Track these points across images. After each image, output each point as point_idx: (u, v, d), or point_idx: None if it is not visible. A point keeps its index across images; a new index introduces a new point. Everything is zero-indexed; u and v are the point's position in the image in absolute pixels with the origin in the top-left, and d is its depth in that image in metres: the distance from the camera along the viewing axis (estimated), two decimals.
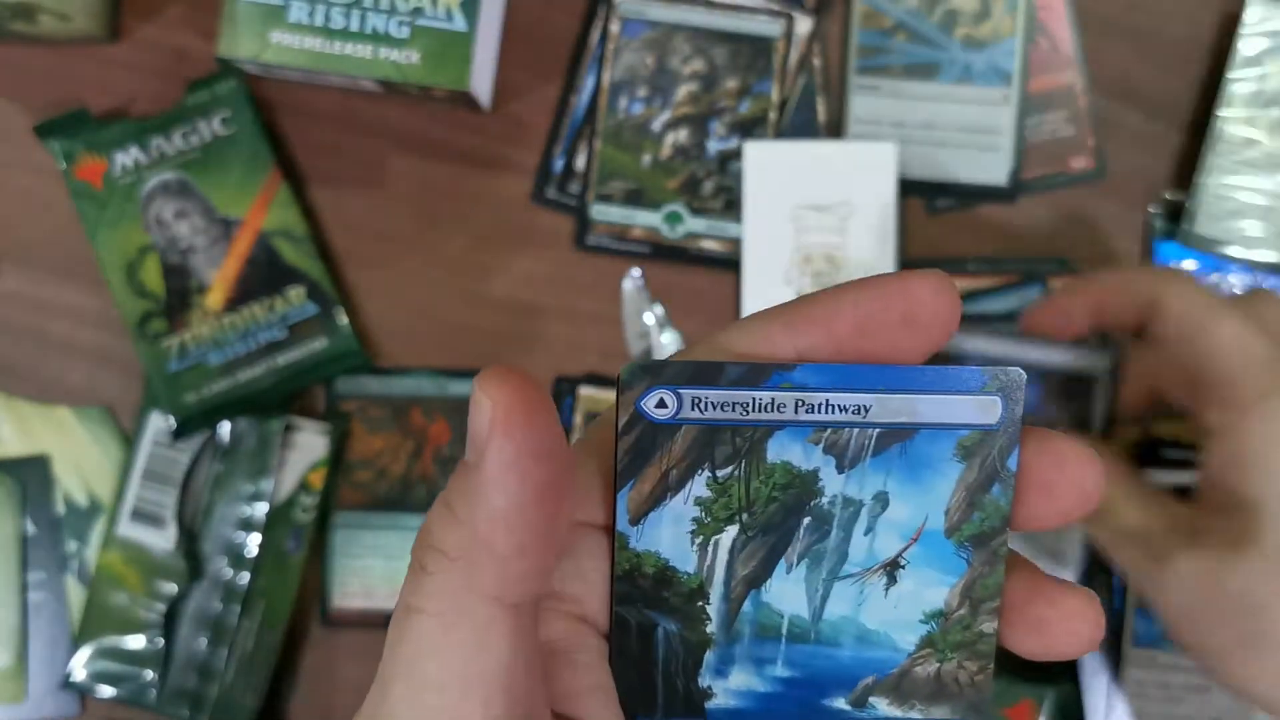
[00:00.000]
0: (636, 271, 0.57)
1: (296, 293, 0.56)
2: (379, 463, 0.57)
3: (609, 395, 0.57)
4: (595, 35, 0.58)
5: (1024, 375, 0.23)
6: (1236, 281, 0.56)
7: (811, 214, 0.56)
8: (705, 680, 0.24)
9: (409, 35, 0.53)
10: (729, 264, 0.57)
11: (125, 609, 0.55)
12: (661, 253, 0.57)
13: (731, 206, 0.57)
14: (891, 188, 0.56)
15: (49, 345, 0.58)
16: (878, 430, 0.23)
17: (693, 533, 0.24)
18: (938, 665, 0.25)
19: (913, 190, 0.57)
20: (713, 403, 0.23)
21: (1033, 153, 0.57)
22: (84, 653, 0.55)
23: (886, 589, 0.24)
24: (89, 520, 0.57)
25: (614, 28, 0.57)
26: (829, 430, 0.23)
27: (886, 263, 0.56)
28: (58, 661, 0.56)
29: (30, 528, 0.57)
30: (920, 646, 0.25)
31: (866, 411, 0.22)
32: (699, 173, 0.57)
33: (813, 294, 0.23)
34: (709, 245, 0.57)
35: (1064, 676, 0.53)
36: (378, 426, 0.57)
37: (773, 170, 0.56)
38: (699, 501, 0.23)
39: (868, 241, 0.56)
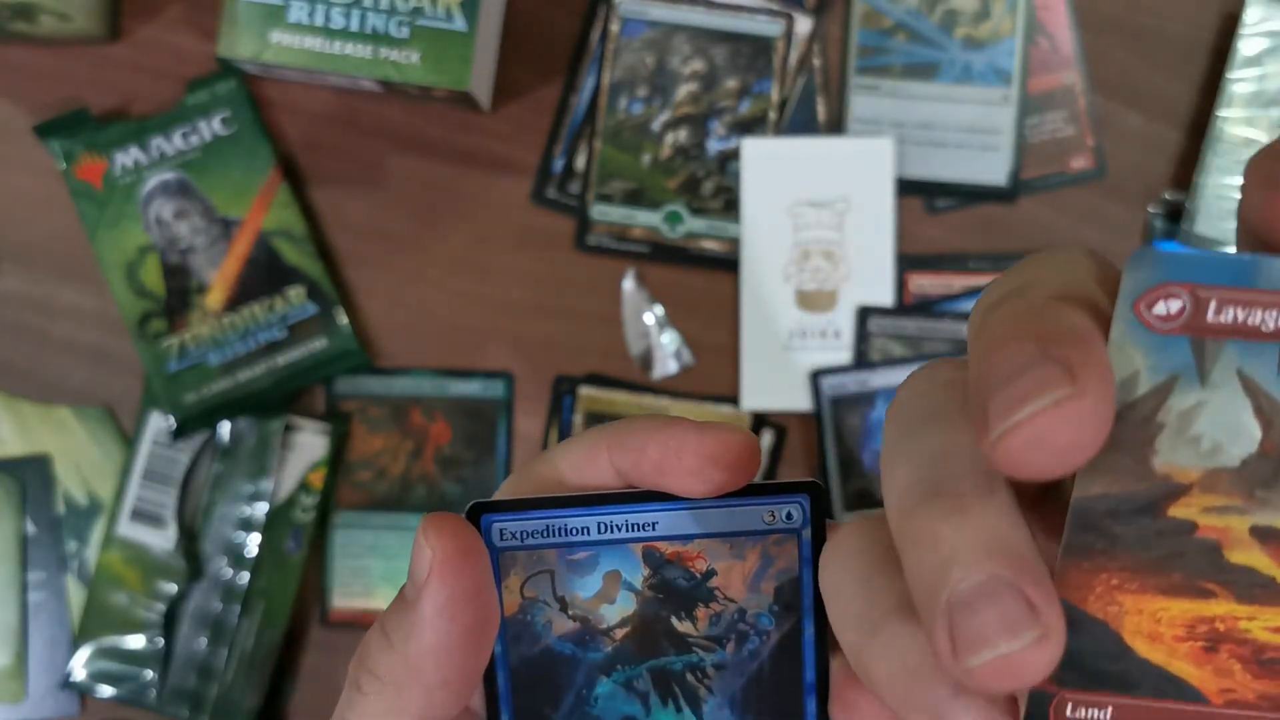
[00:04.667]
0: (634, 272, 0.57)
1: (296, 293, 0.56)
2: (379, 463, 0.57)
3: (609, 395, 0.57)
4: (595, 35, 0.58)
5: (819, 488, 0.25)
6: None
7: (809, 210, 0.56)
8: None
9: (409, 35, 0.53)
10: (729, 264, 0.57)
11: (125, 609, 0.55)
12: (661, 253, 0.57)
13: (731, 206, 0.57)
14: (889, 183, 0.56)
15: (49, 345, 0.58)
16: None
17: None
18: None
19: (913, 190, 0.57)
20: None
21: (1033, 153, 0.57)
22: (84, 652, 0.55)
23: None
24: (89, 520, 0.57)
25: (614, 28, 0.57)
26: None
27: (885, 258, 0.56)
28: (58, 661, 0.56)
29: (30, 528, 0.57)
30: None
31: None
32: (699, 173, 0.57)
33: (639, 420, 0.25)
34: (709, 245, 0.57)
35: None
36: (378, 426, 0.57)
37: (771, 167, 0.56)
38: None
39: (865, 237, 0.56)
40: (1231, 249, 0.55)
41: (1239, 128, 0.55)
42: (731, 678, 0.25)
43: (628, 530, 0.25)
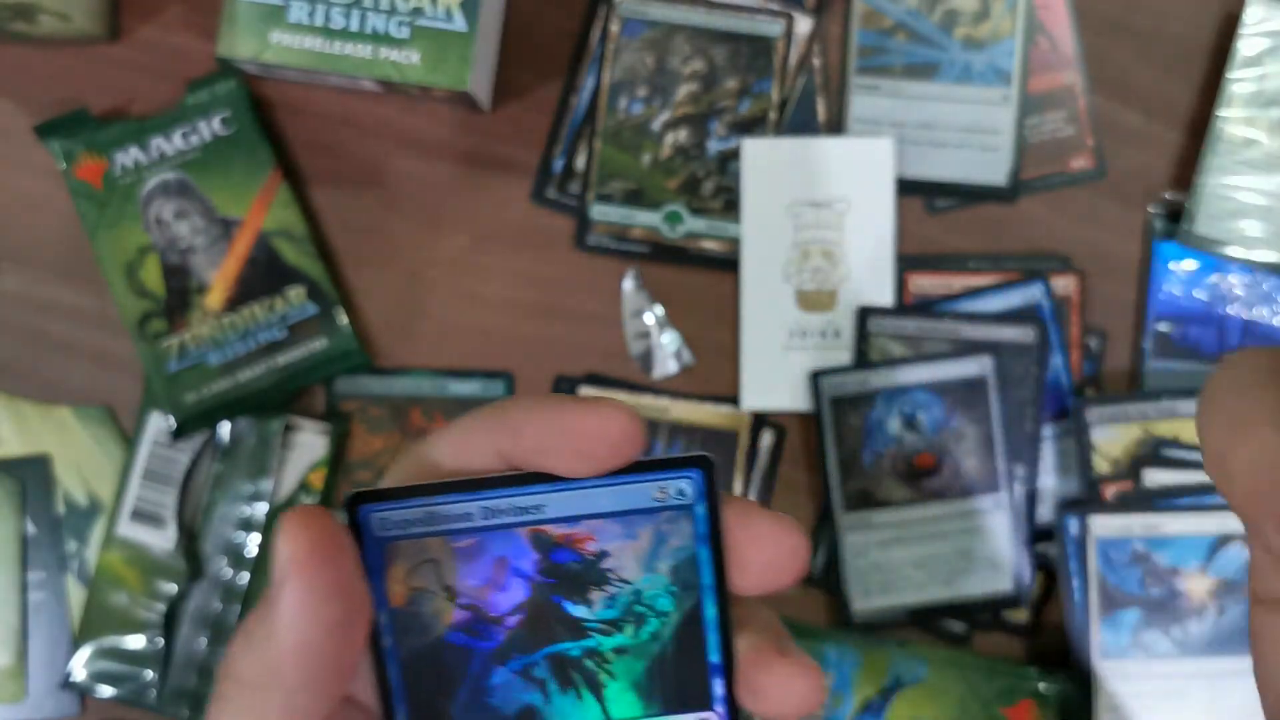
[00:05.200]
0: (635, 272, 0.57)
1: (296, 293, 0.56)
2: (379, 463, 0.57)
3: (609, 395, 0.57)
4: (595, 35, 0.58)
5: (710, 461, 0.24)
6: (1236, 282, 0.56)
7: (809, 210, 0.56)
8: None
9: (409, 35, 0.53)
10: (729, 264, 0.57)
11: (125, 609, 0.55)
12: (661, 253, 0.57)
13: (731, 206, 0.57)
14: (889, 183, 0.56)
15: (49, 345, 0.58)
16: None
17: None
18: None
19: (913, 190, 0.57)
20: None
21: (1033, 153, 0.57)
22: (84, 653, 0.55)
23: None
24: (89, 520, 0.57)
25: (614, 28, 0.57)
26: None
27: (885, 258, 0.56)
28: (58, 661, 0.56)
29: (30, 528, 0.57)
30: None
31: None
32: (699, 173, 0.57)
33: (518, 400, 0.24)
34: (709, 245, 0.57)
35: (1063, 676, 0.53)
36: (378, 426, 0.57)
37: (771, 167, 0.56)
38: None
39: (865, 237, 0.56)
40: (1230, 249, 0.55)
41: (1239, 128, 0.55)
42: (633, 661, 0.24)
43: (513, 514, 0.24)
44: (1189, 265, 0.56)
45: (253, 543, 0.55)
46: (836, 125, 0.57)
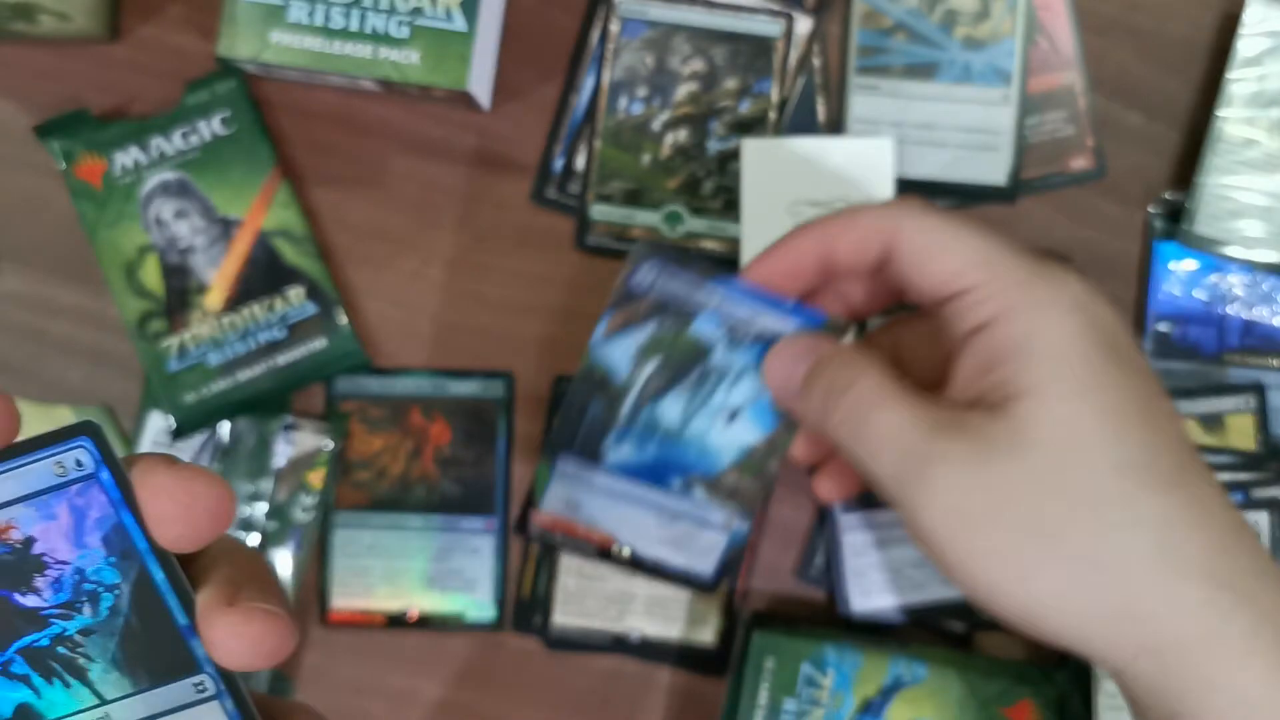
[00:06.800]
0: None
1: (296, 293, 0.56)
2: (378, 463, 0.57)
3: None
4: (595, 35, 0.58)
5: (95, 426, 0.24)
6: (1236, 282, 0.56)
7: (809, 210, 0.56)
8: (607, 443, 0.44)
9: (409, 35, 0.53)
10: (729, 264, 0.57)
11: None
12: None
13: (731, 206, 0.57)
14: (889, 183, 0.56)
15: (49, 345, 0.58)
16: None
17: (634, 355, 0.44)
18: (737, 479, 0.43)
19: (913, 190, 0.57)
20: (675, 287, 0.44)
21: (1032, 153, 0.57)
22: None
23: (726, 424, 0.43)
24: None
25: (614, 28, 0.57)
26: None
27: None
28: None
29: None
30: (733, 465, 0.43)
31: None
32: (699, 173, 0.57)
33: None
34: (709, 245, 0.57)
35: (1063, 676, 0.53)
36: (377, 426, 0.57)
37: (770, 167, 0.56)
38: (645, 341, 0.44)
39: None
40: (1230, 249, 0.55)
41: (1239, 128, 0.55)
42: (104, 640, 0.24)
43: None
44: (1189, 265, 0.56)
45: (253, 543, 0.55)
46: (836, 125, 0.57)
